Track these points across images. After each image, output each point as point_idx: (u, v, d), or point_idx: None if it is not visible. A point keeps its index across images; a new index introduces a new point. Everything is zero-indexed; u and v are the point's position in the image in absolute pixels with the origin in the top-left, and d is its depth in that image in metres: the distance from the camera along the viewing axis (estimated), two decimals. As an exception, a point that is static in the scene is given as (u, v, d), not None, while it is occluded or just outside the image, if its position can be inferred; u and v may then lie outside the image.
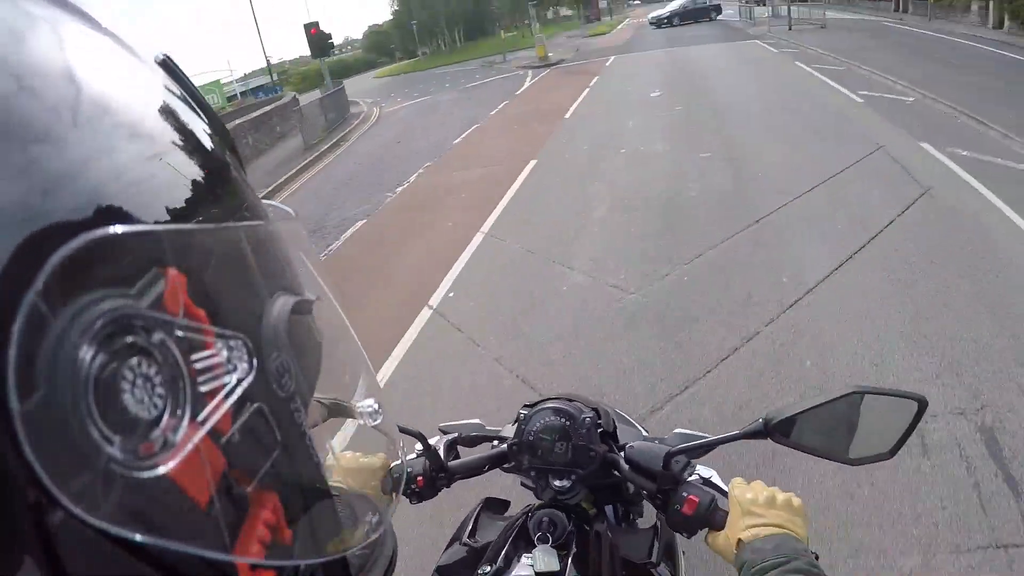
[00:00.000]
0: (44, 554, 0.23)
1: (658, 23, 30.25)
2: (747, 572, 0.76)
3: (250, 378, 0.33)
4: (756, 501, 0.84)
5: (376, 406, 0.52)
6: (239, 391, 0.32)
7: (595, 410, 1.09)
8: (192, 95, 0.40)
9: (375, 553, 0.47)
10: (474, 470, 1.12)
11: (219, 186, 0.37)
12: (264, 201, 0.44)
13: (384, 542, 0.48)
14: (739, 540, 0.81)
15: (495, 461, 1.12)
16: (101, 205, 0.27)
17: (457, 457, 1.13)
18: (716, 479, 0.98)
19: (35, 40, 0.29)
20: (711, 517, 0.89)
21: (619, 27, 42.45)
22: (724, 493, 0.91)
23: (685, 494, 0.91)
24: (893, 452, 0.86)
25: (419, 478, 1.06)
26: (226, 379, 0.31)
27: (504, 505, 1.28)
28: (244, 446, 0.32)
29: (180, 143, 0.35)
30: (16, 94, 0.26)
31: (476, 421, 1.20)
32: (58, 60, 0.30)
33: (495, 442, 1.15)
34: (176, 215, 0.31)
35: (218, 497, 0.30)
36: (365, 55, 61.81)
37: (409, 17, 46.58)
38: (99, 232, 0.25)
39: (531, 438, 1.06)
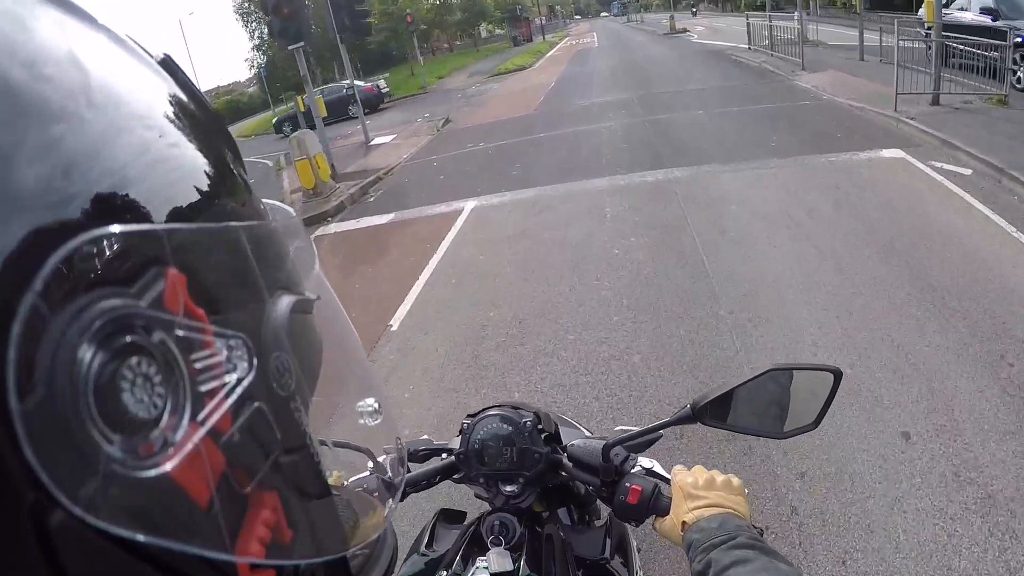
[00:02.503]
0: (44, 554, 0.24)
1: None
2: (694, 552, 0.81)
3: (250, 377, 0.34)
4: (696, 484, 0.91)
5: (376, 405, 0.54)
6: (239, 391, 0.33)
7: (536, 414, 1.16)
8: (192, 94, 0.41)
9: (375, 553, 0.49)
10: (426, 482, 1.19)
11: (219, 185, 0.37)
12: (264, 201, 0.45)
13: (384, 541, 0.50)
14: (684, 523, 0.88)
15: (445, 472, 1.19)
16: (125, 186, 0.29)
17: (408, 472, 1.14)
18: (658, 468, 1.09)
19: (41, 30, 0.30)
20: (656, 504, 0.96)
21: (550, 53, 35.10)
22: (667, 480, 1.00)
23: (628, 484, 0.99)
24: (817, 422, 0.96)
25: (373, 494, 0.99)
26: (226, 378, 0.32)
27: (460, 516, 1.34)
28: (244, 446, 0.33)
29: (181, 142, 0.36)
30: (31, 80, 0.28)
31: (424, 437, 1.28)
32: (64, 48, 0.31)
33: (443, 455, 1.22)
34: (176, 214, 0.32)
35: (218, 497, 0.30)
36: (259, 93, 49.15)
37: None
38: (98, 231, 0.26)
39: (477, 446, 1.14)
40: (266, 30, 24.59)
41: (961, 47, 8.73)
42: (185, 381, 0.29)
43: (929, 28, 9.35)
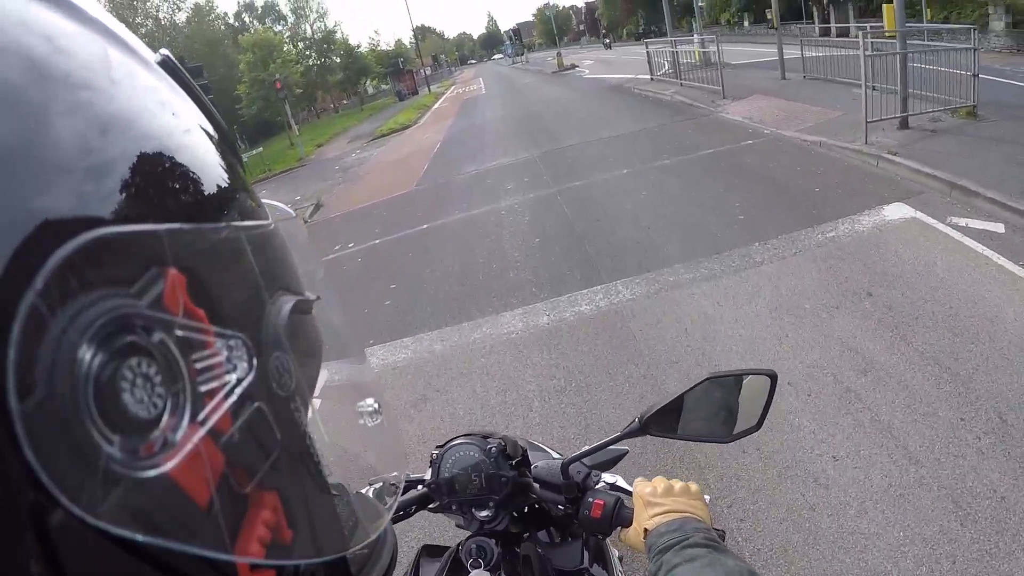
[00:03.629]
0: (44, 554, 0.24)
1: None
2: (652, 554, 0.85)
3: (250, 377, 0.34)
4: (655, 492, 0.95)
5: (376, 405, 0.55)
6: (239, 391, 0.33)
7: (502, 440, 1.20)
8: (193, 94, 0.41)
9: (375, 553, 0.49)
10: (403, 513, 1.22)
11: (219, 185, 0.38)
12: (264, 201, 0.45)
13: (384, 542, 0.51)
14: (645, 530, 0.91)
15: (421, 503, 1.23)
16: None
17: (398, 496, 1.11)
18: (621, 482, 1.16)
19: (48, 12, 0.31)
20: (619, 516, 1.02)
21: (436, 106, 33.73)
22: (630, 493, 1.06)
23: (591, 499, 1.06)
24: (760, 423, 1.02)
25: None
26: (226, 379, 0.33)
27: (441, 550, 1.36)
28: (244, 446, 0.33)
29: (181, 141, 0.36)
30: (52, 51, 0.29)
31: (396, 473, 1.21)
32: (76, 25, 0.32)
33: (419, 486, 1.25)
34: (176, 214, 0.32)
35: (218, 497, 0.30)
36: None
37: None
38: (98, 232, 0.26)
39: (447, 475, 1.18)
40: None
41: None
42: (185, 381, 0.29)
43: (890, 38, 7.58)
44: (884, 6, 8.90)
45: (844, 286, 4.21)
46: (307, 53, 47.62)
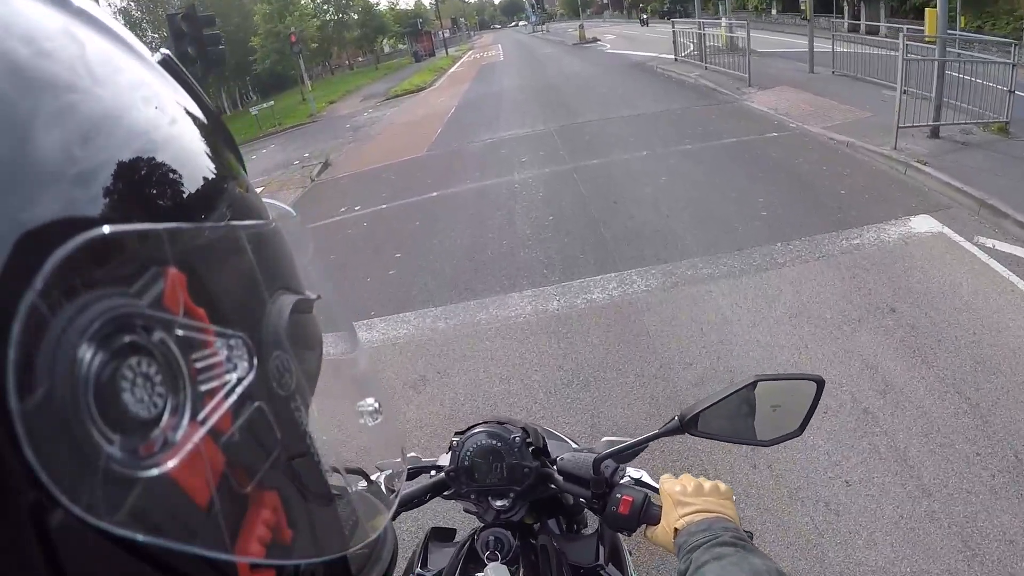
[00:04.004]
0: (44, 554, 0.24)
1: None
2: (681, 553, 0.85)
3: (250, 377, 0.34)
4: (686, 491, 0.94)
5: (376, 405, 0.54)
6: (239, 390, 0.33)
7: (524, 429, 1.18)
8: (193, 94, 0.41)
9: (375, 553, 0.49)
10: (417, 500, 1.20)
11: (219, 184, 0.38)
12: (265, 200, 0.45)
13: (384, 541, 0.51)
14: (676, 529, 0.91)
15: (436, 489, 1.20)
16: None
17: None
18: (647, 478, 1.14)
19: (29, 8, 0.31)
20: (647, 513, 1.00)
21: (452, 70, 32.95)
22: (656, 490, 1.03)
23: (619, 495, 1.03)
24: (802, 429, 0.99)
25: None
26: (226, 378, 0.32)
27: (451, 533, 1.39)
28: (244, 445, 0.33)
29: (170, 135, 0.36)
30: (34, 55, 0.28)
31: (412, 455, 1.28)
32: (59, 24, 0.31)
33: (432, 472, 1.23)
34: (176, 214, 0.32)
35: (218, 496, 0.30)
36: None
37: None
38: (98, 231, 0.26)
39: (467, 463, 1.15)
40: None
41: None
42: (185, 381, 0.29)
43: (929, 43, 7.31)
44: (927, 10, 8.66)
45: (867, 299, 4.08)
46: (324, 8, 46.64)
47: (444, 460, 1.21)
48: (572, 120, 11.55)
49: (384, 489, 0.65)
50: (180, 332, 0.29)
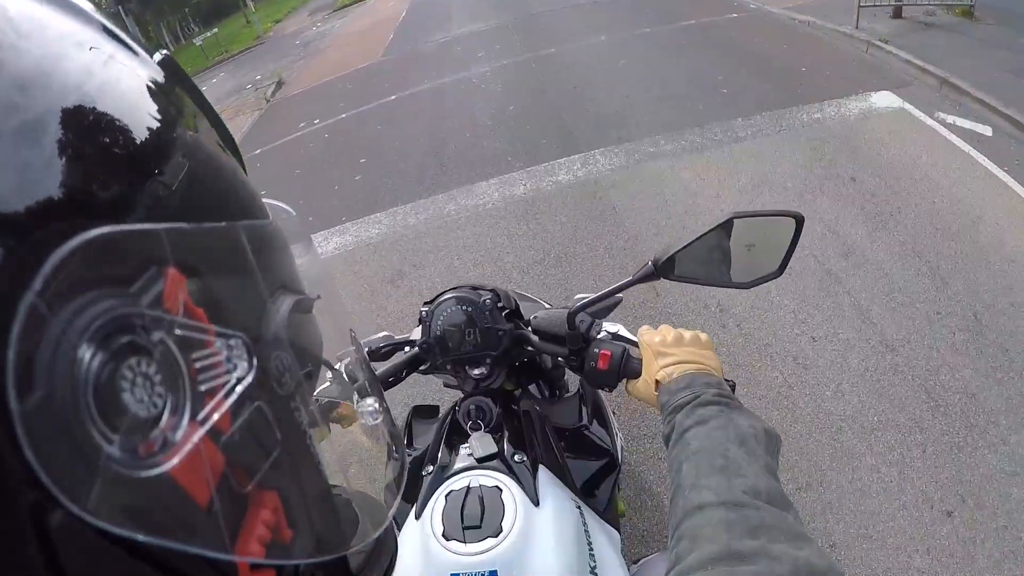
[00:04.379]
0: (44, 555, 0.24)
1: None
2: (663, 415, 0.83)
3: (250, 377, 0.34)
4: (665, 341, 0.91)
5: (376, 405, 0.54)
6: (239, 390, 0.33)
7: (494, 292, 1.14)
8: (193, 94, 0.41)
9: (375, 553, 0.48)
10: (393, 379, 1.17)
11: (219, 184, 0.37)
12: (264, 200, 0.44)
13: (384, 541, 0.50)
14: (657, 382, 0.88)
15: (411, 365, 1.17)
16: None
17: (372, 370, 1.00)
18: (624, 332, 1.16)
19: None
20: (626, 367, 0.97)
21: None
22: (634, 343, 1.00)
23: (597, 350, 1.00)
24: (781, 269, 0.95)
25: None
26: (226, 378, 0.32)
27: (434, 410, 1.38)
28: (244, 445, 0.33)
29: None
30: None
31: (384, 333, 1.26)
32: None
33: (406, 348, 1.20)
34: (175, 214, 0.32)
35: (218, 496, 0.31)
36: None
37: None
38: (97, 231, 0.26)
39: (439, 333, 1.12)
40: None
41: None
42: (185, 381, 0.29)
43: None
44: None
45: (828, 169, 4.11)
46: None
47: (416, 335, 1.18)
48: (527, 11, 11.07)
49: (346, 377, 0.60)
50: (180, 332, 0.29)
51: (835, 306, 3.02)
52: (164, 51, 0.40)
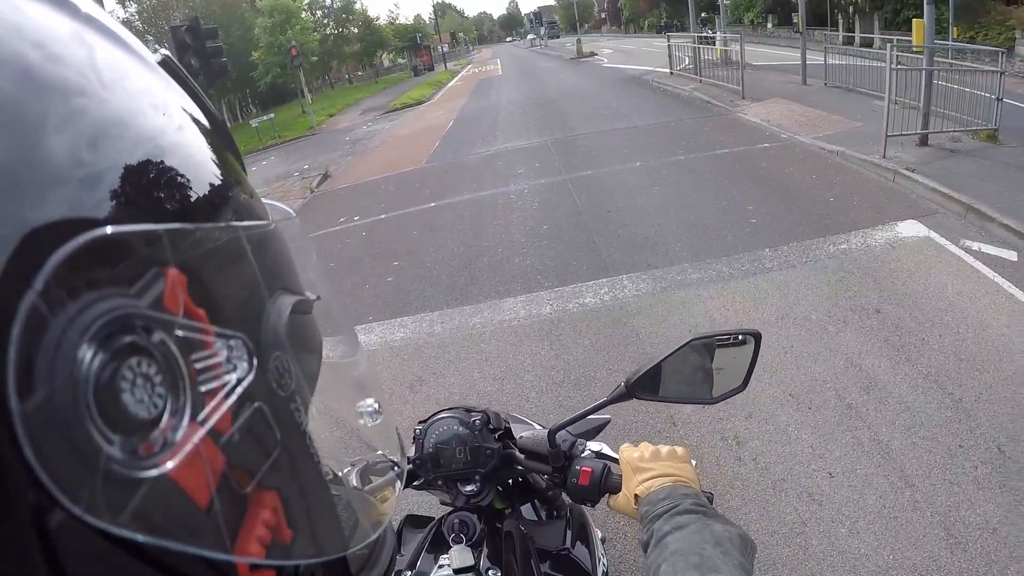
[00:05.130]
0: (44, 555, 0.24)
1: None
2: (644, 524, 0.86)
3: (250, 378, 0.34)
4: (643, 457, 0.96)
5: (376, 405, 0.55)
6: (239, 391, 0.33)
7: (485, 413, 1.19)
8: (194, 95, 0.41)
9: (375, 553, 0.49)
10: None
11: (224, 190, 0.38)
12: (264, 201, 0.45)
13: (384, 542, 0.51)
14: (636, 496, 0.92)
15: (405, 480, 1.17)
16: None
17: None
18: (606, 450, 1.21)
19: (38, 12, 0.31)
20: (607, 482, 1.02)
21: (450, 84, 34.32)
22: (616, 460, 1.04)
23: (578, 467, 1.05)
24: (744, 384, 1.03)
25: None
26: (226, 379, 0.33)
27: (426, 520, 1.38)
28: (244, 446, 0.33)
29: (187, 137, 0.37)
30: (46, 59, 0.28)
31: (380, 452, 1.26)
32: (68, 29, 0.32)
33: None
34: (176, 214, 0.32)
35: (218, 497, 0.31)
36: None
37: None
38: (98, 232, 0.26)
39: (431, 450, 1.17)
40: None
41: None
42: (185, 381, 0.29)
43: (917, 54, 7.44)
44: (914, 20, 8.77)
45: (853, 301, 4.16)
46: (325, 22, 46.97)
47: (411, 451, 1.22)
48: (568, 133, 11.67)
49: (354, 483, 0.63)
50: (180, 333, 0.30)
51: (854, 441, 3.00)
52: (164, 51, 0.41)
